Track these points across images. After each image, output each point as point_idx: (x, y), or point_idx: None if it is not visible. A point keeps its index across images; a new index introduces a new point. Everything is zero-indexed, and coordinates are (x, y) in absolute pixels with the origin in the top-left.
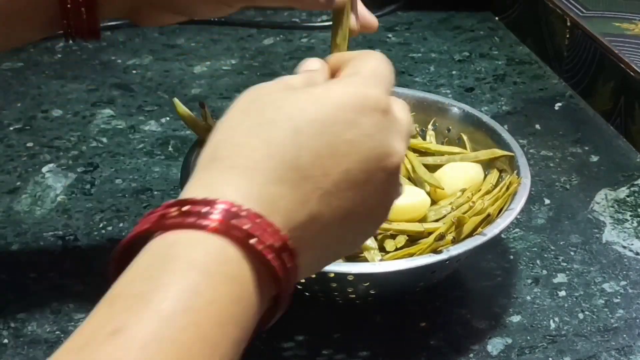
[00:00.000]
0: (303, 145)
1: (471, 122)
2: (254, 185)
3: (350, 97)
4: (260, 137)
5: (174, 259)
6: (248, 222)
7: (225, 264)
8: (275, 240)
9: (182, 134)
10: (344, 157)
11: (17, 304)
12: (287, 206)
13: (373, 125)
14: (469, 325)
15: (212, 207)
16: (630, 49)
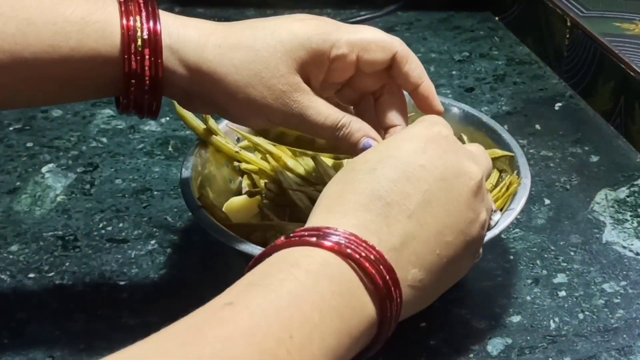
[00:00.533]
0: (380, 176)
1: (471, 122)
2: (348, 216)
3: (416, 132)
4: (346, 185)
5: (283, 262)
6: (344, 239)
7: (325, 267)
8: (370, 253)
9: (182, 134)
10: (420, 180)
11: (17, 304)
12: (379, 229)
13: (441, 150)
14: (469, 325)
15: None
16: (630, 49)
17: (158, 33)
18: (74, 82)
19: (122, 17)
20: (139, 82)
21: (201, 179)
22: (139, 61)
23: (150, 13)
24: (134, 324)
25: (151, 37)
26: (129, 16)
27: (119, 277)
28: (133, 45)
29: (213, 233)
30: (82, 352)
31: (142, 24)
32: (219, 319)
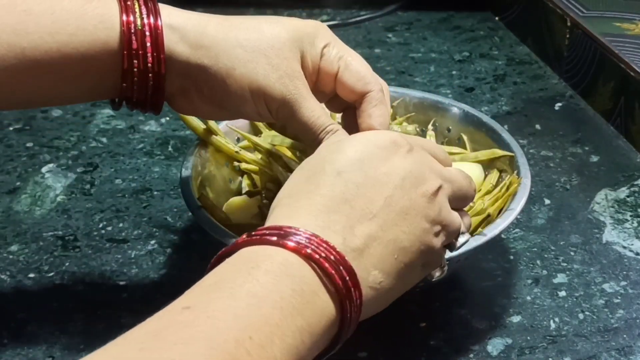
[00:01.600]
0: (347, 181)
1: (471, 122)
2: (311, 216)
3: (381, 139)
4: (312, 183)
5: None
6: (304, 239)
7: (286, 267)
8: (330, 254)
9: (182, 134)
10: (384, 185)
11: (17, 304)
12: (343, 230)
13: (403, 159)
14: (469, 326)
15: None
16: (630, 49)
17: (159, 27)
18: (72, 74)
19: (122, 13)
20: (141, 76)
21: (201, 179)
22: (140, 55)
23: (151, 9)
24: (134, 324)
25: (152, 30)
26: (128, 11)
27: (119, 277)
28: (134, 39)
29: (213, 233)
30: (82, 352)
31: (142, 17)
32: (177, 324)
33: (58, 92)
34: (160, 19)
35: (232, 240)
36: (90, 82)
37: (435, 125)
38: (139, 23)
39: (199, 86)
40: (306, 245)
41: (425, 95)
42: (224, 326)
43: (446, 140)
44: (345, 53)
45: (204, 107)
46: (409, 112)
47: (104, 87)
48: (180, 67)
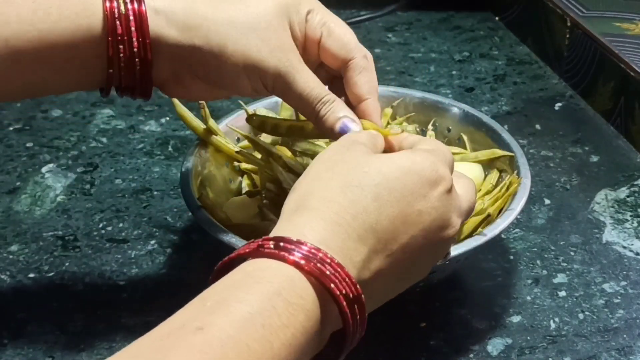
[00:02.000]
0: (382, 211)
1: (471, 122)
2: (338, 238)
3: (425, 172)
4: (348, 198)
5: (263, 281)
6: (331, 269)
7: (303, 299)
8: (351, 292)
9: (182, 134)
10: (412, 225)
11: (17, 304)
12: (361, 262)
13: (438, 200)
14: (469, 326)
15: (301, 247)
16: (630, 49)
17: (143, 12)
18: (57, 63)
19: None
20: (127, 62)
21: (201, 179)
22: (125, 41)
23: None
24: (134, 324)
25: (136, 15)
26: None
27: (119, 277)
28: (118, 24)
29: (213, 233)
30: (82, 352)
31: (125, 2)
32: (189, 345)
33: (44, 82)
34: (144, 3)
35: (232, 241)
36: (77, 70)
37: (435, 125)
38: (123, 8)
39: (193, 67)
40: (330, 279)
41: (425, 95)
42: (233, 355)
43: (446, 140)
44: (329, 19)
45: (198, 89)
46: (409, 112)
47: (91, 75)
48: (170, 51)
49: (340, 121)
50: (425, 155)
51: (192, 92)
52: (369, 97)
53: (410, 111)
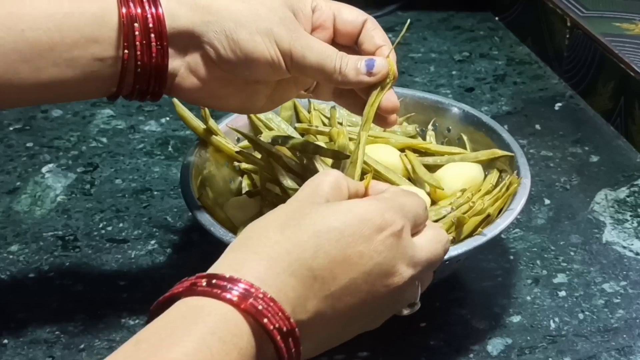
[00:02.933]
0: (320, 248)
1: (471, 122)
2: (271, 272)
3: (369, 215)
4: (284, 235)
5: (197, 321)
6: (263, 303)
7: (237, 337)
8: (284, 325)
9: (182, 134)
10: (353, 266)
11: (17, 304)
12: (296, 299)
13: (383, 244)
14: (469, 325)
15: (235, 284)
16: (630, 49)
17: (161, 16)
18: (70, 57)
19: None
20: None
21: (201, 179)
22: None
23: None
24: (134, 324)
25: (154, 19)
26: (128, 3)
27: (119, 277)
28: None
29: (213, 233)
30: (82, 352)
31: (143, 9)
32: None
33: (58, 83)
34: (160, 6)
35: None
36: (90, 66)
37: (435, 125)
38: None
39: (210, 44)
40: (263, 313)
41: (425, 95)
42: None
43: (446, 140)
44: (335, 4)
45: (215, 75)
46: (409, 112)
47: (104, 71)
48: (183, 33)
49: (361, 61)
50: (374, 202)
51: (209, 82)
52: (384, 44)
53: (410, 111)
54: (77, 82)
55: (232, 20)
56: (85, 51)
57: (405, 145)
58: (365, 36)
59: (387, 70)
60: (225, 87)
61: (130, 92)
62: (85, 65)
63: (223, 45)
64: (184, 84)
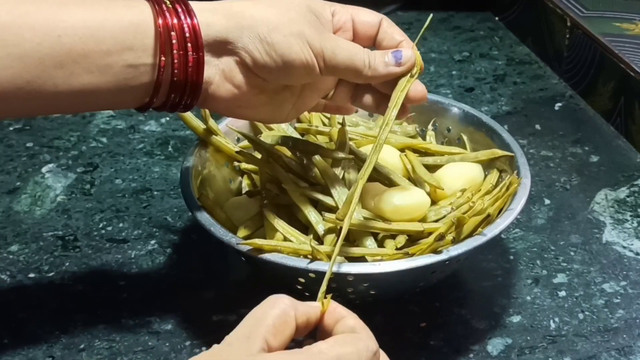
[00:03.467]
0: None
1: (471, 122)
2: None
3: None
4: None
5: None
6: None
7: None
8: None
9: (182, 134)
10: None
11: (17, 304)
12: None
13: None
14: (469, 325)
15: None
16: (630, 49)
17: (197, 27)
18: (103, 64)
19: (157, 17)
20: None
21: (201, 179)
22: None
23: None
24: (134, 324)
25: (190, 29)
26: (164, 13)
27: (119, 277)
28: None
29: (213, 233)
30: (82, 352)
31: (179, 20)
32: None
33: (88, 84)
34: (195, 17)
35: (232, 241)
36: (123, 71)
37: (435, 125)
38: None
39: (245, 49)
40: None
41: None
42: None
43: (446, 140)
44: (352, 9)
45: (249, 82)
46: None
47: (137, 80)
48: (220, 42)
49: (388, 54)
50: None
51: (243, 87)
52: (403, 39)
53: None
54: (109, 91)
55: (265, 25)
56: (119, 58)
57: (405, 145)
58: (383, 34)
59: (414, 59)
60: (257, 96)
61: (164, 103)
62: (118, 73)
63: (258, 49)
64: (218, 92)
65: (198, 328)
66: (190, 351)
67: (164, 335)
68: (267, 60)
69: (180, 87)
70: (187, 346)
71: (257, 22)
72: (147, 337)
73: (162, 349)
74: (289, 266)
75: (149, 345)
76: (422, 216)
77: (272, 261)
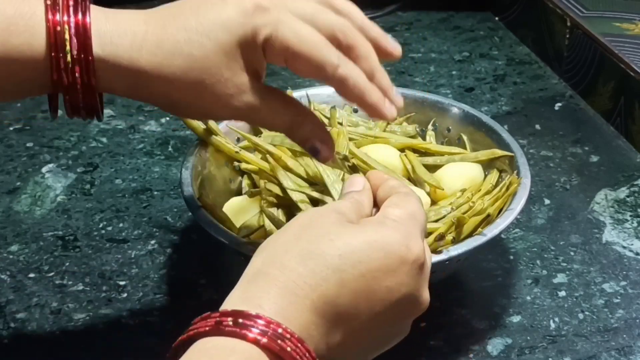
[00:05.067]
0: (345, 284)
1: (471, 122)
2: (296, 309)
3: (395, 247)
4: (308, 267)
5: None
6: (291, 344)
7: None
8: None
9: (182, 134)
10: (379, 301)
11: (17, 304)
12: (319, 336)
13: (410, 276)
14: (469, 325)
15: (260, 323)
16: (630, 49)
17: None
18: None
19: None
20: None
21: (201, 179)
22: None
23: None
24: (134, 324)
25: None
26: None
27: (119, 277)
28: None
29: (213, 233)
30: (82, 352)
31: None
32: None
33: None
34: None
35: (232, 240)
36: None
37: (435, 125)
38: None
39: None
40: (292, 355)
41: (425, 95)
42: None
43: (446, 140)
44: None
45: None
46: (409, 112)
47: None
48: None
49: (309, 143)
50: (396, 228)
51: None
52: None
53: (410, 111)
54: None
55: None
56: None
57: (405, 145)
58: None
59: None
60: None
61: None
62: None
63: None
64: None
65: None
66: None
67: (164, 335)
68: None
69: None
70: None
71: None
72: (147, 337)
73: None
74: None
75: (149, 345)
76: None
77: None
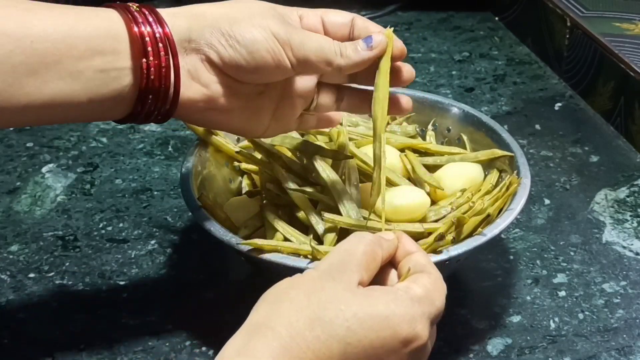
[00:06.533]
0: (348, 356)
1: (471, 122)
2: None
3: (402, 328)
4: (314, 332)
5: None
6: None
7: None
8: None
9: (182, 134)
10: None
11: (17, 304)
12: None
13: (410, 356)
14: (469, 325)
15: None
16: (630, 49)
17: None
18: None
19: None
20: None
21: (201, 179)
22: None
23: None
24: (134, 324)
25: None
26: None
27: (119, 277)
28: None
29: (213, 233)
30: (82, 352)
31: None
32: None
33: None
34: (166, 24)
35: (232, 241)
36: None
37: (435, 125)
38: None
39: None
40: None
41: (425, 95)
42: None
43: (446, 140)
44: (321, 11)
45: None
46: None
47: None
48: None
49: (359, 41)
50: (408, 307)
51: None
52: (380, 29)
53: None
54: (80, 99)
55: (226, 20)
56: (89, 63)
57: (405, 145)
58: (358, 31)
59: (386, 41)
60: (230, 98)
61: (140, 112)
62: (89, 79)
63: (222, 44)
64: (187, 93)
65: (198, 328)
66: (190, 351)
67: (164, 335)
68: (232, 53)
69: (155, 93)
70: (187, 346)
71: (218, 19)
72: (147, 337)
73: (162, 349)
74: (289, 266)
75: (149, 345)
76: (422, 216)
77: (272, 261)
